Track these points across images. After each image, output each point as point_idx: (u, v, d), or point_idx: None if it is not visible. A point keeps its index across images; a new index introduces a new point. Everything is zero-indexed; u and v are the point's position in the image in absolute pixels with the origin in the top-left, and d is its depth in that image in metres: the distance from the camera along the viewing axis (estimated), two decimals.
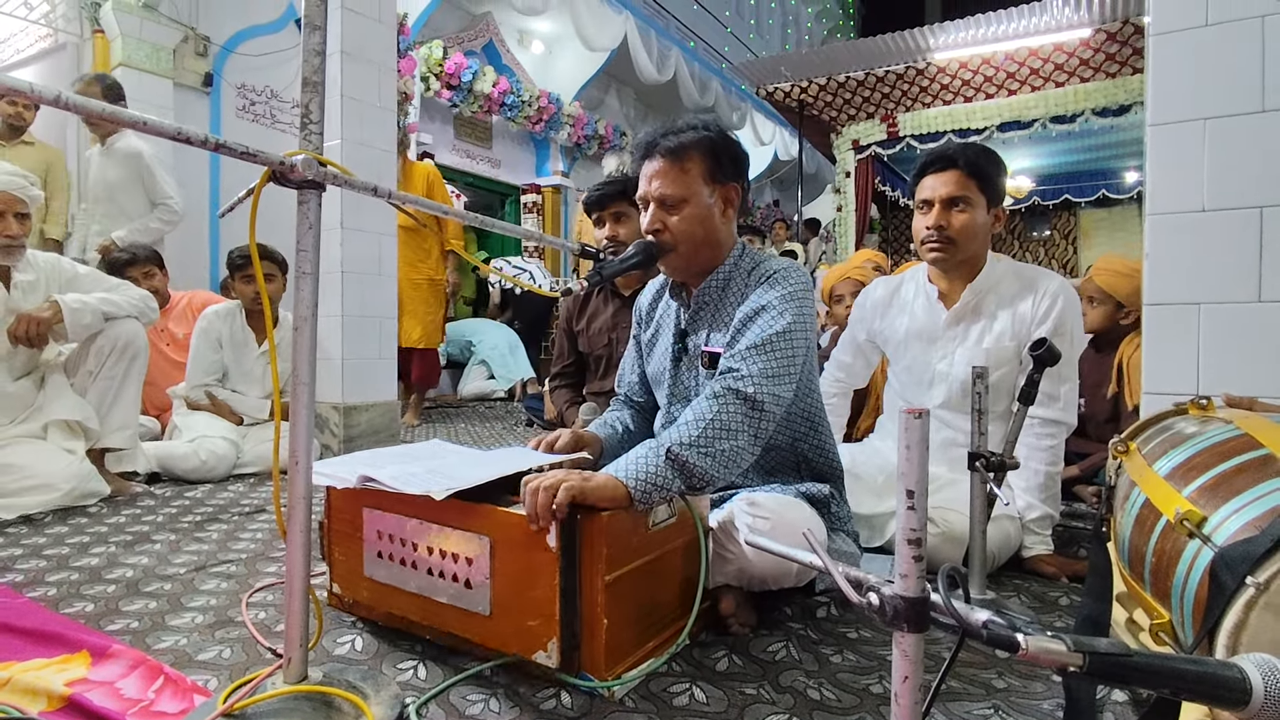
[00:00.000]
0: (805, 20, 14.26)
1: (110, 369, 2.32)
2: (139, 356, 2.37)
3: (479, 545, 1.09)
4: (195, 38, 4.84)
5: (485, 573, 1.08)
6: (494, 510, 1.08)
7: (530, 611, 1.04)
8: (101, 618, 1.32)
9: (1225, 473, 0.88)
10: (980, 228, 1.73)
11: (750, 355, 1.27)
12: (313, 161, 0.92)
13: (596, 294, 2.50)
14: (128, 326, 2.35)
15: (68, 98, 0.73)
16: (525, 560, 1.05)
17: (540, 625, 1.03)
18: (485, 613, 1.09)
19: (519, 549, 1.05)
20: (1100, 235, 8.89)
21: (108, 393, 2.32)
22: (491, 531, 1.08)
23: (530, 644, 1.04)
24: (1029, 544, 1.69)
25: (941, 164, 1.73)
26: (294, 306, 0.97)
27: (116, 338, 2.32)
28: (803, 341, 1.31)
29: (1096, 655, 0.57)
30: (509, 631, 1.07)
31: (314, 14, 0.95)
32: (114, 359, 2.32)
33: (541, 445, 1.41)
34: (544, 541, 1.02)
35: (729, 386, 1.23)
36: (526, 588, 1.05)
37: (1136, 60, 4.95)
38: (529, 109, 6.68)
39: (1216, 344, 1.56)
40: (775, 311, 1.31)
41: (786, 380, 1.27)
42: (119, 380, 2.33)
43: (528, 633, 1.05)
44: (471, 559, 1.10)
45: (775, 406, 1.26)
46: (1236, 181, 1.54)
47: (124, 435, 2.36)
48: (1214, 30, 1.55)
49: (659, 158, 1.39)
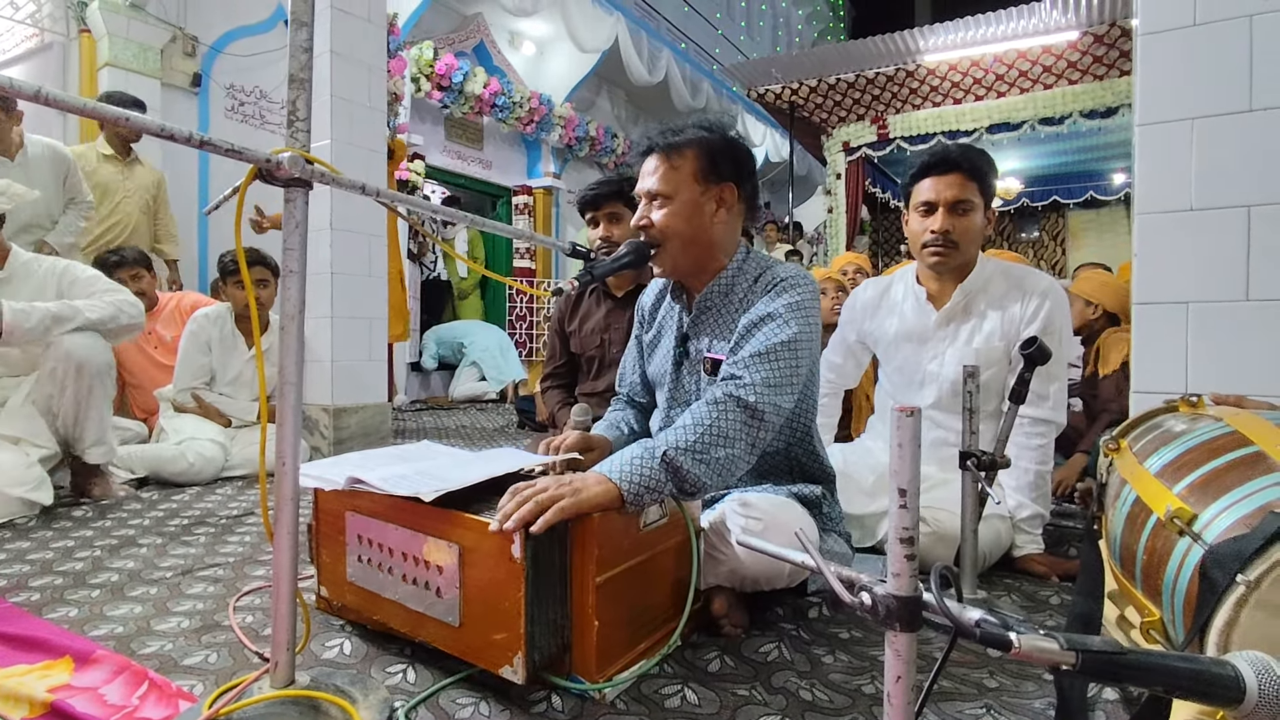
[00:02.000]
0: (795, 22, 14.32)
1: (71, 391, 2.21)
2: (100, 376, 2.24)
3: (449, 553, 1.05)
4: (183, 38, 4.81)
5: (455, 582, 1.04)
6: (465, 517, 1.04)
7: (496, 624, 1.00)
8: (85, 623, 1.31)
9: (1215, 470, 0.88)
10: (980, 230, 1.74)
11: (753, 363, 1.25)
12: (299, 159, 0.91)
13: (588, 295, 2.49)
14: (81, 347, 2.20)
15: (47, 93, 0.72)
16: (493, 570, 1.00)
17: (506, 639, 0.99)
18: (455, 623, 1.05)
19: (487, 558, 1.01)
20: (1088, 236, 8.95)
21: (73, 413, 2.23)
22: (460, 539, 1.04)
23: (497, 658, 1.00)
24: (1019, 543, 1.69)
25: (944, 166, 1.72)
26: (280, 306, 0.96)
27: (69, 358, 2.19)
28: (807, 352, 1.30)
29: (1089, 653, 0.57)
30: (477, 644, 1.03)
31: (301, 11, 0.94)
32: (71, 381, 2.20)
33: (549, 447, 1.39)
34: (509, 551, 0.98)
35: (730, 393, 1.21)
36: (495, 598, 1.00)
37: (1124, 63, 4.99)
38: (520, 110, 6.67)
39: (1205, 342, 1.57)
40: (781, 320, 1.29)
41: (788, 391, 1.26)
42: (83, 400, 2.23)
43: (494, 645, 1.01)
44: (442, 567, 1.06)
45: (775, 416, 1.24)
46: (1224, 181, 1.55)
47: (98, 451, 2.30)
48: (1202, 30, 1.56)
49: (654, 154, 1.39)
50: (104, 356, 2.27)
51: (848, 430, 2.83)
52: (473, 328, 6.36)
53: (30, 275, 2.31)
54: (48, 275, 2.32)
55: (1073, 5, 4.52)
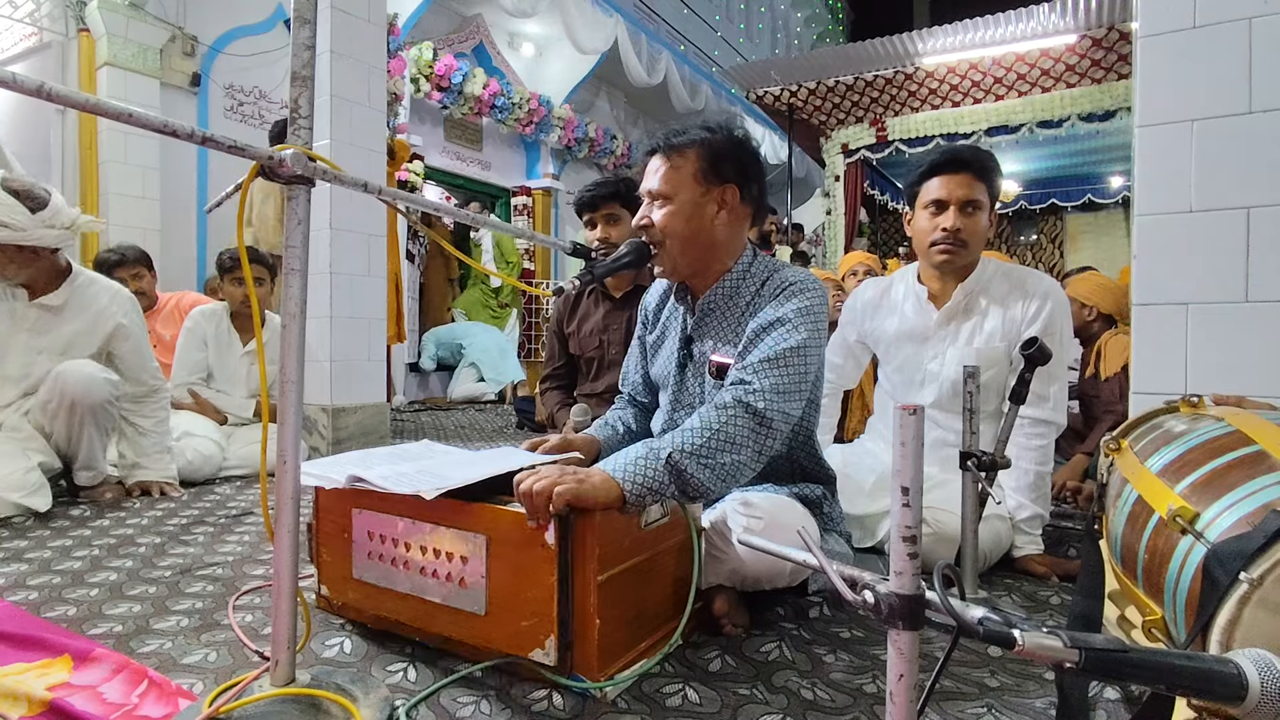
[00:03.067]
0: (794, 25, 14.34)
1: (63, 423, 2.18)
2: (92, 411, 2.19)
3: (474, 544, 1.08)
4: (183, 37, 4.81)
5: (481, 571, 1.07)
6: (490, 508, 1.07)
7: (526, 610, 1.03)
8: (84, 622, 1.30)
9: (1217, 469, 0.88)
10: (985, 231, 1.75)
11: (763, 369, 1.24)
12: (302, 156, 0.91)
13: (587, 296, 2.49)
14: (75, 384, 2.15)
15: (50, 88, 0.72)
16: (522, 558, 1.04)
17: (537, 624, 1.02)
18: (480, 612, 1.07)
19: (515, 547, 1.04)
20: (1086, 239, 8.97)
21: (65, 440, 2.22)
22: (487, 529, 1.07)
23: (526, 643, 1.03)
24: (1019, 544, 1.69)
25: (955, 166, 1.73)
26: (282, 304, 0.95)
27: (62, 395, 2.15)
28: (816, 358, 1.30)
29: (1093, 651, 0.57)
30: (505, 630, 1.06)
31: (303, 8, 0.94)
32: (64, 414, 2.17)
33: (534, 449, 1.39)
34: (541, 538, 1.02)
35: (738, 399, 1.21)
36: (523, 586, 1.04)
37: (1122, 66, 4.99)
38: (519, 111, 6.67)
39: (1204, 343, 1.57)
40: (790, 325, 1.28)
41: (797, 397, 1.25)
42: (75, 433, 2.20)
43: (523, 632, 1.04)
44: (466, 558, 1.08)
45: (783, 423, 1.23)
46: (1224, 182, 1.55)
47: (86, 475, 2.28)
48: (1201, 32, 1.57)
49: (658, 154, 1.40)
50: (100, 393, 2.20)
51: (842, 431, 2.83)
52: (472, 329, 6.35)
53: (87, 306, 2.27)
54: (98, 321, 2.28)
55: (1071, 9, 4.53)
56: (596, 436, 1.52)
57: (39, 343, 2.22)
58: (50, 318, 2.22)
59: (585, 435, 1.51)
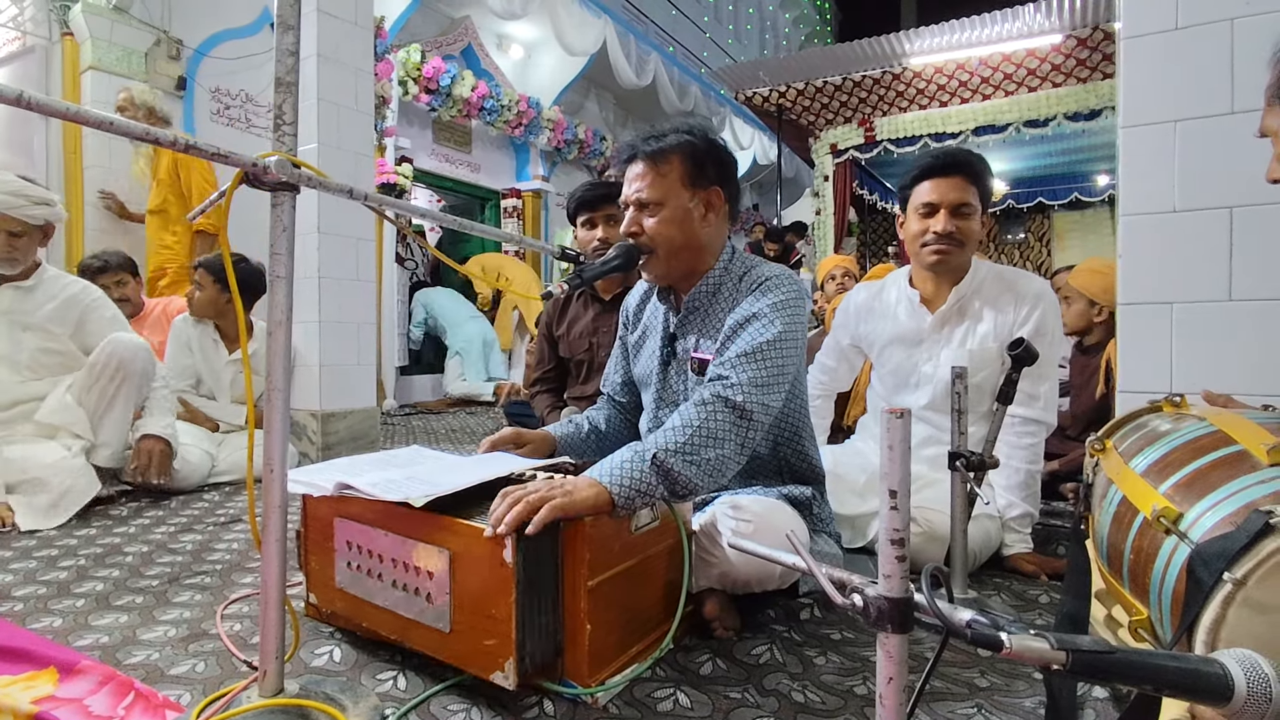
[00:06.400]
0: (783, 26, 14.39)
1: (100, 387, 2.29)
2: (130, 379, 2.31)
3: (439, 559, 1.04)
4: (168, 41, 4.76)
5: (445, 588, 1.03)
6: (453, 522, 1.03)
7: (487, 630, 0.99)
8: (70, 633, 1.29)
9: (1200, 469, 0.89)
10: (977, 234, 1.76)
11: (740, 363, 1.25)
12: (286, 163, 0.90)
13: (576, 298, 2.48)
14: (125, 347, 2.30)
15: (30, 97, 0.71)
16: (483, 576, 1.00)
17: (496, 645, 0.98)
18: (445, 629, 1.04)
19: (478, 564, 1.00)
20: (1073, 238, 9.02)
21: (98, 408, 2.29)
22: (451, 544, 1.03)
23: (487, 664, 0.99)
24: (1009, 542, 1.70)
25: (947, 169, 1.73)
26: (268, 311, 0.95)
27: (111, 356, 2.28)
28: (793, 350, 1.30)
29: (1080, 653, 0.57)
30: (468, 649, 1.02)
31: (287, 14, 0.93)
32: (107, 377, 2.29)
33: (483, 444, 1.43)
34: (500, 557, 0.97)
35: (718, 394, 1.22)
36: (484, 605, 0.99)
37: (1107, 66, 5.04)
38: (508, 113, 6.65)
39: (1189, 342, 1.58)
40: (766, 319, 1.30)
41: (776, 389, 1.26)
42: (109, 398, 2.30)
43: (484, 652, 1.00)
44: (433, 573, 1.05)
45: (764, 416, 1.24)
46: (1207, 182, 1.56)
47: (105, 454, 2.31)
48: (1184, 33, 1.58)
49: (639, 161, 1.39)
50: (139, 364, 2.33)
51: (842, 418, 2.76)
52: (461, 315, 6.26)
53: (54, 294, 2.34)
54: (71, 302, 2.36)
55: (1056, 9, 4.56)
56: (551, 434, 1.53)
57: (21, 320, 2.28)
58: (24, 296, 2.29)
59: (540, 431, 1.53)
